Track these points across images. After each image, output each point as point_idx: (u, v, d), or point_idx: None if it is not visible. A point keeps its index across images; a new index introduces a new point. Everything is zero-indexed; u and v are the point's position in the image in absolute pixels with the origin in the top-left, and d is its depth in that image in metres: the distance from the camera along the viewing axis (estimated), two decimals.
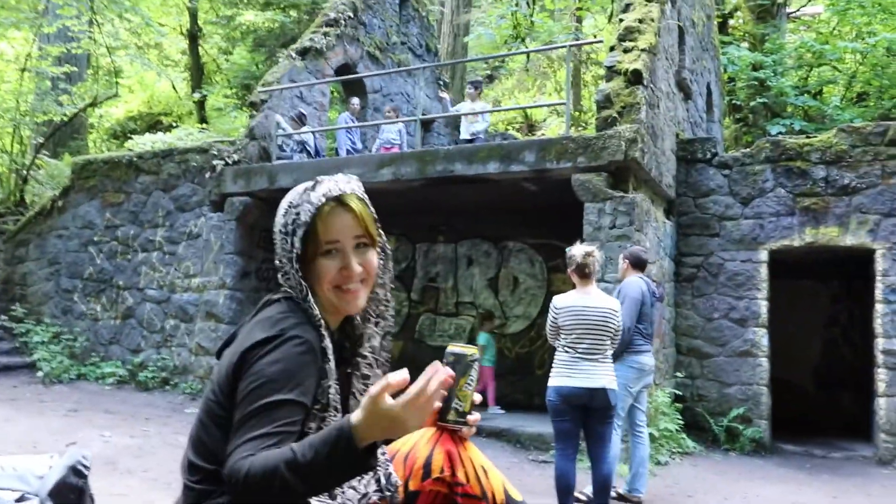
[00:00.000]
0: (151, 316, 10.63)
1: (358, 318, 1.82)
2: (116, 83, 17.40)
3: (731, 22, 17.88)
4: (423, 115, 11.53)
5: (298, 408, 1.53)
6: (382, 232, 1.82)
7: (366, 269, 1.73)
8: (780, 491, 6.57)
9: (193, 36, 20.04)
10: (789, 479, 7.15)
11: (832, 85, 16.24)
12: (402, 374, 1.41)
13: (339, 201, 1.70)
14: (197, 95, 19.12)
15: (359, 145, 11.39)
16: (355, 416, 1.41)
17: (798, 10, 17.87)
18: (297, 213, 1.69)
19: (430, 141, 13.75)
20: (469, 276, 10.94)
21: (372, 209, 1.77)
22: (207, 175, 10.31)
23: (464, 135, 10.38)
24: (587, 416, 4.80)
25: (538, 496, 5.45)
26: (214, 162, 10.25)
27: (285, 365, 1.55)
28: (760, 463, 7.94)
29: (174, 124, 19.50)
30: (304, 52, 11.39)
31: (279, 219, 1.73)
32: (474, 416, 1.70)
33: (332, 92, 14.01)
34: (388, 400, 1.39)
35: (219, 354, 1.74)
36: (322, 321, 1.66)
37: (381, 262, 1.82)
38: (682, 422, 8.07)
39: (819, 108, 14.58)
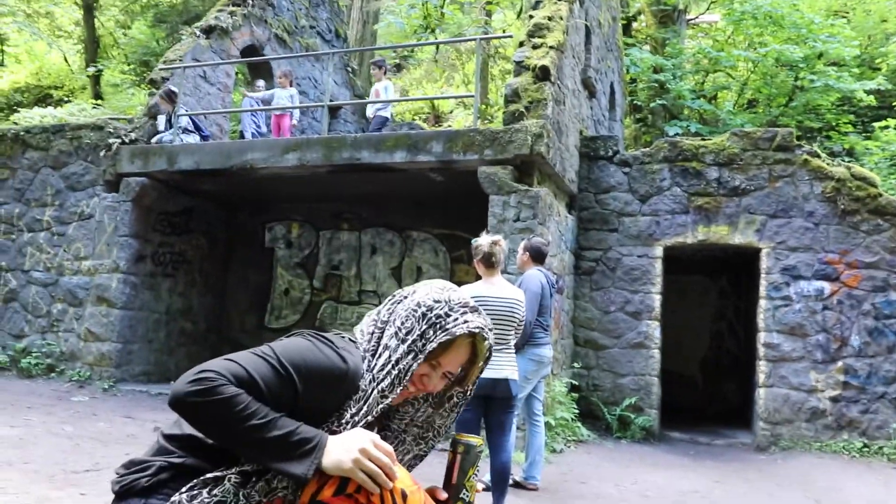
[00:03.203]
0: (37, 299, 10.10)
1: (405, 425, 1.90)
2: (2, 51, 16.38)
3: (635, 25, 18.44)
4: (331, 100, 11.37)
5: (281, 386, 1.60)
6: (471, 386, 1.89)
7: (433, 390, 1.82)
8: (668, 476, 6.87)
9: (89, 6, 19.08)
10: (676, 465, 7.48)
11: (726, 91, 17.03)
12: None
13: (476, 341, 1.78)
14: (92, 70, 18.22)
15: (263, 129, 11.14)
16: (333, 438, 1.59)
17: (697, 17, 18.61)
18: (447, 318, 1.74)
19: (337, 128, 13.59)
20: (372, 265, 10.90)
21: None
22: (102, 153, 9.86)
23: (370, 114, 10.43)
24: (488, 406, 4.86)
25: (437, 482, 5.48)
26: (110, 140, 9.81)
27: (318, 361, 1.66)
28: (650, 450, 8.27)
29: (66, 99, 18.54)
30: (208, 31, 11.03)
31: (426, 297, 1.77)
32: None
33: (237, 74, 13.63)
34: (374, 448, 1.56)
35: None
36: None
37: (456, 402, 1.90)
38: (577, 411, 8.32)
39: (713, 112, 15.26)
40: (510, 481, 5.10)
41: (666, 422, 9.35)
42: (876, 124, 12.94)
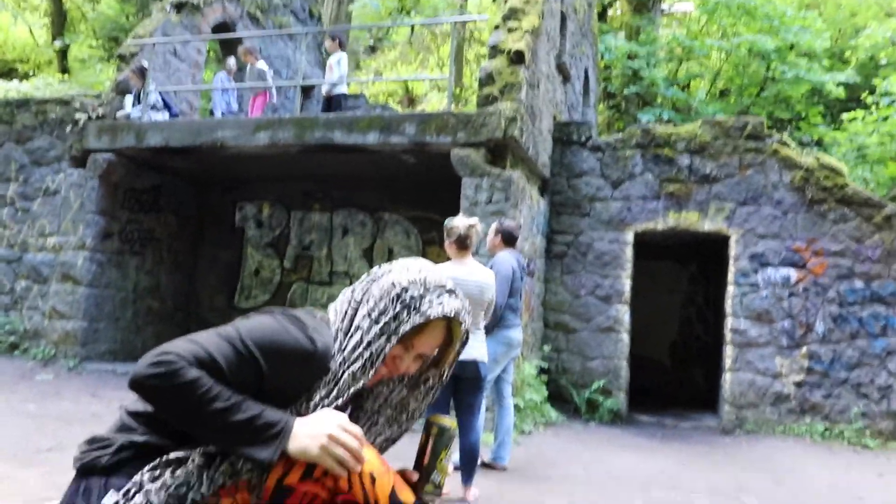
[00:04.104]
0: (0, 276, 9.90)
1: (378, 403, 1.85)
2: None
3: (610, 12, 18.47)
4: (304, 80, 11.23)
5: (244, 368, 1.57)
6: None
7: (406, 372, 1.78)
8: (636, 458, 6.94)
9: None
10: (644, 448, 7.57)
11: (699, 79, 17.14)
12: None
13: (452, 325, 1.75)
14: (58, 44, 17.85)
15: (234, 106, 10.99)
16: (299, 421, 1.53)
17: (671, 6, 18.69)
18: (422, 300, 1.69)
19: (309, 107, 13.45)
20: (344, 246, 10.84)
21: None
22: (68, 129, 9.67)
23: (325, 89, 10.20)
24: (457, 387, 4.86)
25: (408, 464, 5.49)
26: (77, 115, 9.62)
27: (284, 342, 1.61)
28: (618, 432, 8.35)
29: (31, 73, 18.15)
30: (179, 7, 10.84)
31: (401, 277, 1.73)
32: (447, 488, 1.75)
33: (208, 51, 13.42)
34: (341, 432, 1.52)
35: None
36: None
37: (431, 385, 1.86)
38: (546, 393, 8.37)
39: (686, 100, 15.36)
40: (479, 462, 5.12)
41: (634, 405, 9.44)
42: (844, 115, 13.11)
